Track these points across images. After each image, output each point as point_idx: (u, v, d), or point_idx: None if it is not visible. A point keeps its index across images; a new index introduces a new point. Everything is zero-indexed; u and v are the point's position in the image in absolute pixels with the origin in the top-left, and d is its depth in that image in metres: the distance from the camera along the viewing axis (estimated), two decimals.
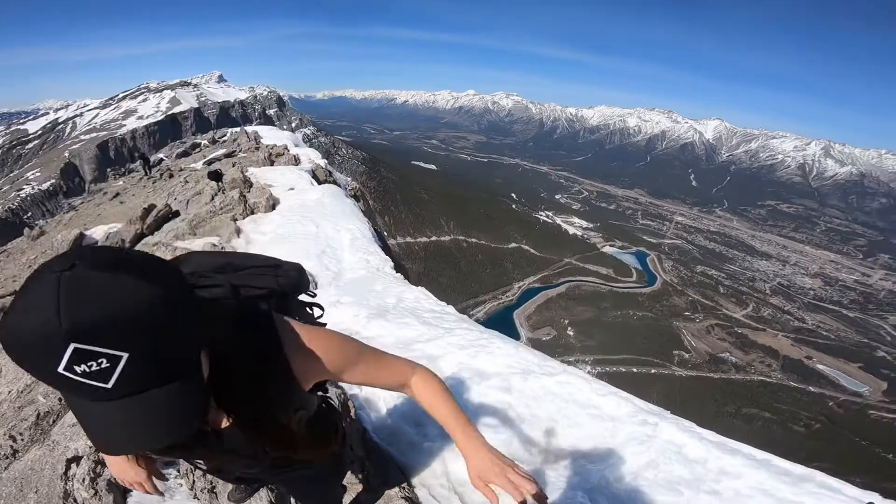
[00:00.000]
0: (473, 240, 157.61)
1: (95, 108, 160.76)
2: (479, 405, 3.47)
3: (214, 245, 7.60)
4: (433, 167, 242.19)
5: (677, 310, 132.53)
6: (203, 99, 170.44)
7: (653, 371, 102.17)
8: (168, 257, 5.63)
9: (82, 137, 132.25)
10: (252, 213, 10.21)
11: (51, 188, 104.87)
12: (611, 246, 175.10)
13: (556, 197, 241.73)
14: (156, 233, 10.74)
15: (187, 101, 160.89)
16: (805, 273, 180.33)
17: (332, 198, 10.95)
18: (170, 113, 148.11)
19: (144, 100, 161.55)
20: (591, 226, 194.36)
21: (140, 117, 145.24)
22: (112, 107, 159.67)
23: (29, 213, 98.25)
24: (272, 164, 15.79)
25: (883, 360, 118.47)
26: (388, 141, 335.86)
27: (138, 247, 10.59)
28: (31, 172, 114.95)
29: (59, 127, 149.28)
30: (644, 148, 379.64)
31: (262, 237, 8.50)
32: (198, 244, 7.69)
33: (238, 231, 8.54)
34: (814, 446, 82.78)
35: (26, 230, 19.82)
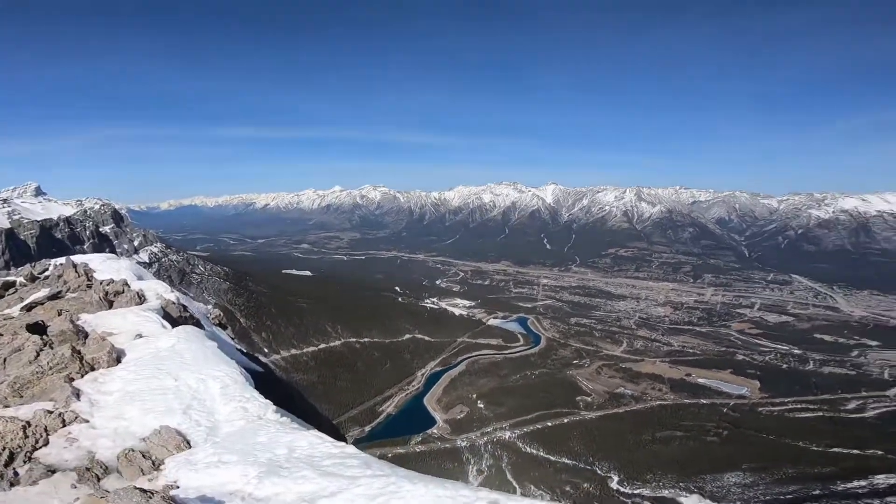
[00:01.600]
0: (366, 339, 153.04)
1: None
2: None
3: (49, 411, 5.97)
4: (308, 273, 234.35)
5: (566, 360, 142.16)
6: (17, 217, 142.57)
7: (566, 420, 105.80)
8: None
9: None
10: (92, 369, 8.42)
11: None
12: (494, 318, 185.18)
13: (437, 282, 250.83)
14: None
15: None
16: (656, 303, 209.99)
17: (190, 342, 9.63)
18: None
19: None
20: (473, 303, 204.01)
21: None
22: None
23: None
24: (111, 306, 13.56)
25: (744, 361, 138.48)
26: (251, 251, 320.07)
27: None
28: None
29: None
30: (501, 221, 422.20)
31: (108, 398, 6.93)
32: (26, 412, 5.97)
33: (77, 393, 6.89)
34: (733, 450, 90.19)
35: None
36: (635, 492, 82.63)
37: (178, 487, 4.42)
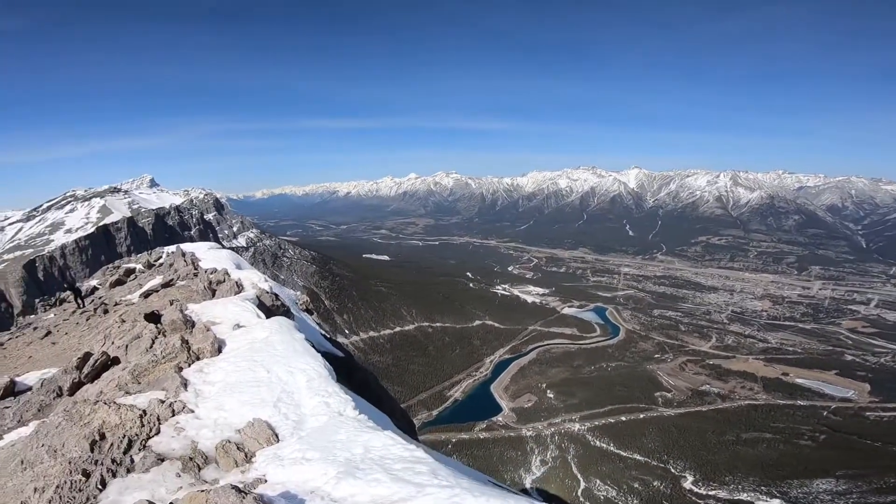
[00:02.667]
0: (438, 324, 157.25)
1: (18, 221, 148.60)
2: None
3: (162, 401, 6.92)
4: (386, 258, 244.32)
5: (647, 354, 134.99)
6: (136, 206, 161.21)
7: (641, 416, 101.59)
8: (114, 416, 5.00)
9: (6, 257, 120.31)
10: (197, 358, 9.48)
11: None
12: (569, 307, 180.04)
13: (509, 269, 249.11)
14: (95, 381, 9.75)
15: (119, 210, 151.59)
16: (753, 297, 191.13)
17: (281, 334, 10.44)
18: (101, 224, 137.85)
19: (72, 210, 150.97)
20: (546, 291, 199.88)
21: (68, 230, 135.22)
22: (37, 219, 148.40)
23: None
24: (213, 294, 15.08)
25: (853, 363, 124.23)
26: (335, 236, 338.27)
27: (77, 394, 9.49)
28: None
29: None
30: (579, 206, 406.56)
31: (210, 388, 7.80)
32: (143, 400, 6.97)
33: (185, 383, 7.86)
34: (828, 456, 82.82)
35: None
36: (710, 493, 78.31)
37: (266, 482, 4.93)
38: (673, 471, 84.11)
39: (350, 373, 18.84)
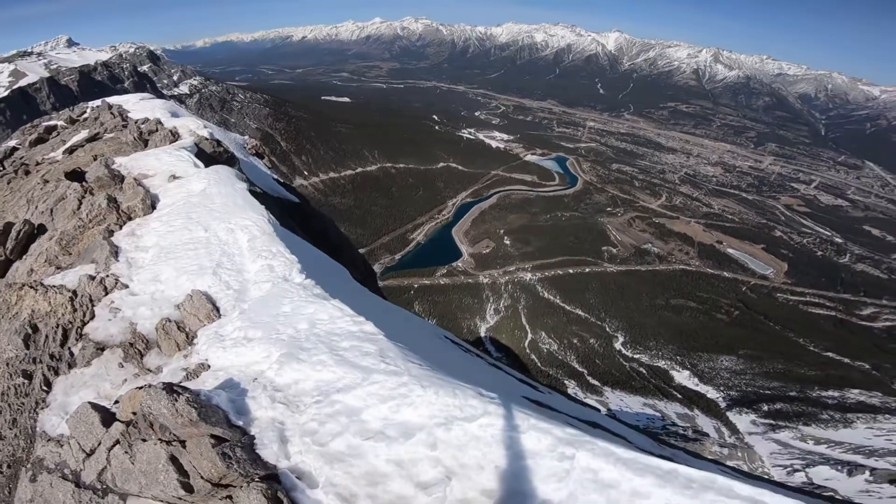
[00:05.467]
0: (401, 165, 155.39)
1: None
2: (409, 469, 3.50)
3: (92, 277, 6.49)
4: (347, 99, 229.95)
5: (600, 206, 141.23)
6: (54, 66, 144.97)
7: (587, 270, 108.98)
8: (42, 302, 4.64)
9: None
10: (129, 218, 8.78)
11: None
12: (532, 154, 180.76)
13: (476, 114, 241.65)
14: (24, 257, 9.12)
15: (34, 72, 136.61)
16: (707, 162, 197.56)
17: (221, 185, 9.63)
18: (16, 87, 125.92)
19: None
20: (511, 138, 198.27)
21: None
22: None
23: None
24: (146, 145, 13.61)
25: (781, 239, 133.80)
26: (290, 80, 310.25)
27: (8, 275, 9.00)
28: None
29: None
30: (552, 61, 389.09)
31: (144, 255, 7.30)
32: (72, 279, 6.52)
33: (116, 252, 7.31)
34: (737, 334, 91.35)
35: None
36: (635, 356, 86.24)
37: (208, 367, 4.86)
38: (608, 329, 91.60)
39: (307, 219, 18.41)
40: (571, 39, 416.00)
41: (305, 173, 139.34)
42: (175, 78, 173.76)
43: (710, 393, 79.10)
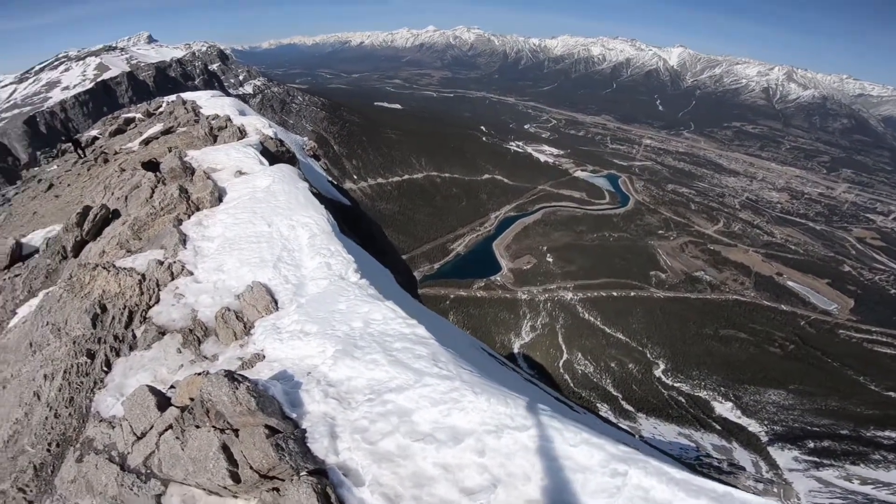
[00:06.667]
0: (447, 174, 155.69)
1: (11, 84, 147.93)
2: (455, 474, 3.47)
3: (160, 262, 6.75)
4: (398, 106, 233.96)
5: (651, 228, 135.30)
6: (134, 62, 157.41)
7: (632, 294, 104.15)
8: (113, 283, 4.84)
9: (4, 115, 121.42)
10: (197, 209, 9.17)
11: None
12: (582, 171, 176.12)
13: (526, 126, 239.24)
14: (98, 239, 9.72)
15: (117, 66, 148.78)
16: (772, 187, 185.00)
17: (284, 183, 9.91)
18: (99, 80, 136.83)
19: (67, 69, 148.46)
20: (561, 152, 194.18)
21: (66, 88, 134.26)
22: (31, 80, 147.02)
23: None
24: (215, 140, 14.31)
25: (849, 275, 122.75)
26: (347, 84, 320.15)
27: (82, 255, 9.58)
28: None
29: None
30: (609, 76, 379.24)
31: (209, 244, 7.58)
32: (142, 262, 6.81)
33: (184, 239, 7.62)
34: (790, 368, 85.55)
35: None
36: (675, 384, 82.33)
37: (263, 358, 4.89)
38: (649, 356, 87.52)
39: (356, 222, 18.75)
40: (631, 54, 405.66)
41: (355, 177, 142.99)
42: (241, 78, 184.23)
43: (752, 426, 75.01)
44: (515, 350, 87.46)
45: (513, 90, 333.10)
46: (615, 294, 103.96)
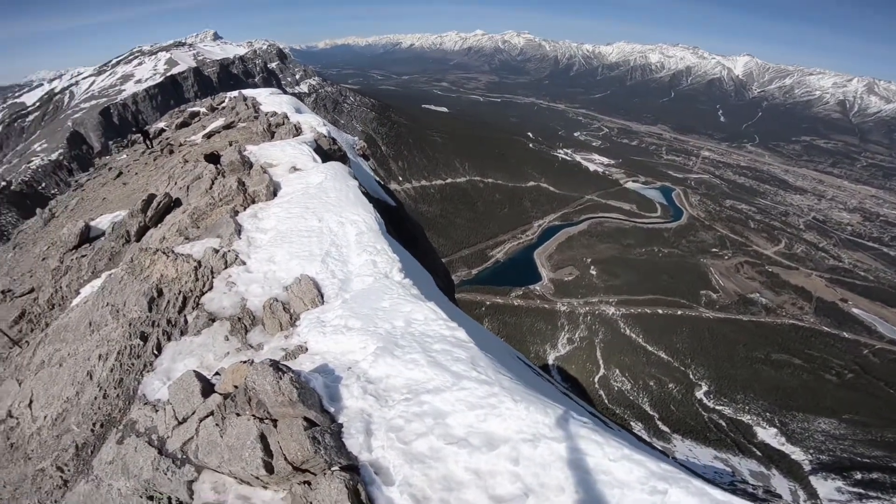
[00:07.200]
0: (490, 180, 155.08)
1: (90, 76, 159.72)
2: (486, 480, 3.42)
3: (216, 250, 7.06)
4: (445, 109, 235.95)
5: (705, 246, 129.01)
6: (201, 58, 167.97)
7: (679, 312, 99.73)
8: (171, 268, 5.10)
9: (82, 106, 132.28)
10: (253, 201, 9.54)
11: (59, 158, 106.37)
12: (634, 181, 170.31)
13: (575, 134, 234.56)
14: (159, 225, 10.31)
15: (184, 62, 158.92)
16: (843, 207, 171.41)
17: (336, 180, 10.13)
18: (168, 74, 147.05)
19: (140, 63, 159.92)
20: (612, 162, 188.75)
21: (138, 81, 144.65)
22: (107, 73, 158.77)
23: (42, 184, 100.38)
24: (272, 137, 14.89)
25: None
26: (396, 86, 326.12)
27: (143, 240, 10.18)
28: (38, 144, 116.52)
29: (57, 97, 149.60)
30: (668, 84, 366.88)
31: (262, 236, 7.86)
32: (199, 249, 7.14)
33: (239, 230, 7.94)
34: (846, 397, 79.72)
35: (38, 211, 19.78)
36: (717, 407, 78.40)
37: (306, 350, 4.96)
38: (691, 377, 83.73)
39: (400, 223, 18.94)
40: (692, 62, 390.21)
41: (400, 178, 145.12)
42: (297, 76, 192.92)
43: (796, 454, 70.51)
44: (550, 361, 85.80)
45: (563, 97, 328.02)
46: (660, 311, 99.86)
